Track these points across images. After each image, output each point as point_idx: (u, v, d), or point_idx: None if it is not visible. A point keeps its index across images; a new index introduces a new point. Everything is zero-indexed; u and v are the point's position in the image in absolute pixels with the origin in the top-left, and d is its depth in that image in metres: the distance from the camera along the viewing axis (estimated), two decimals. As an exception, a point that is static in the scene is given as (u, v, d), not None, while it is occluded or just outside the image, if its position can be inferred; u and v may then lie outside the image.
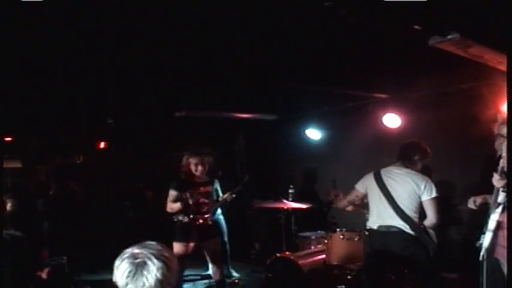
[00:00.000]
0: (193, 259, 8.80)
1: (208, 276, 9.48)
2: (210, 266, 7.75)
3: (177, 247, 7.07)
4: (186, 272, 7.42)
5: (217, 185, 9.65)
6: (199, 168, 7.34)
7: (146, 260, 2.70)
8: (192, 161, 7.36)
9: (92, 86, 7.21)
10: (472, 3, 4.22)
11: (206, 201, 7.43)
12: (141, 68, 6.32)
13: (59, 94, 7.55)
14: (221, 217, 9.57)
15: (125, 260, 2.73)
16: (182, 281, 7.77)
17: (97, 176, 12.21)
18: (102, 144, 12.26)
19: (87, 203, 11.31)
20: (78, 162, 12.74)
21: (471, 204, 5.08)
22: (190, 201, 7.15)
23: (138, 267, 2.68)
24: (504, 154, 4.49)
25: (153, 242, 2.87)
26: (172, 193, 7.28)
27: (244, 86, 7.48)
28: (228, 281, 9.20)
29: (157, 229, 9.83)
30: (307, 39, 5.38)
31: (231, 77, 6.89)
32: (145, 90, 7.59)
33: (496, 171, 4.45)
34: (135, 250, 2.77)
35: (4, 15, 3.99)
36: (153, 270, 2.67)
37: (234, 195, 9.27)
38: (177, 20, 4.63)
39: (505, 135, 4.72)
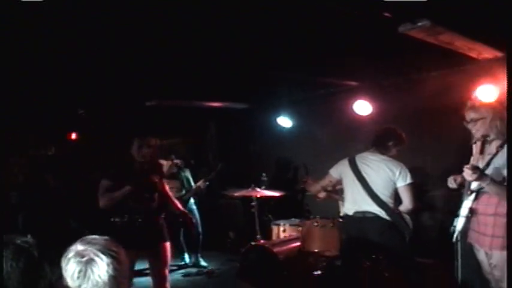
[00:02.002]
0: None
1: (185, 265, 9.54)
2: (153, 279, 6.29)
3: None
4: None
5: (188, 174, 9.68)
6: (144, 151, 6.10)
7: (93, 256, 2.59)
8: (135, 143, 6.12)
9: (62, 77, 7.15)
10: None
11: (147, 195, 6.15)
12: (110, 57, 6.28)
13: (29, 85, 7.48)
14: (194, 207, 9.59)
15: (71, 260, 2.61)
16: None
17: (70, 167, 12.12)
18: (73, 135, 12.17)
19: (61, 195, 11.22)
20: (50, 153, 12.64)
21: (451, 183, 5.10)
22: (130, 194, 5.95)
23: (87, 265, 2.57)
24: (474, 152, 4.57)
25: (97, 237, 2.75)
26: (105, 184, 6.05)
27: (215, 75, 7.47)
28: (204, 270, 9.24)
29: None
30: (277, 27, 5.38)
31: (202, 65, 6.86)
32: (115, 79, 7.55)
33: (468, 163, 4.51)
34: (79, 247, 2.64)
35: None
36: (103, 267, 2.57)
37: (207, 183, 9.30)
38: (146, 9, 4.60)
39: (468, 120, 4.83)
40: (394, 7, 4.57)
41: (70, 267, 2.60)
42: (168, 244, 6.27)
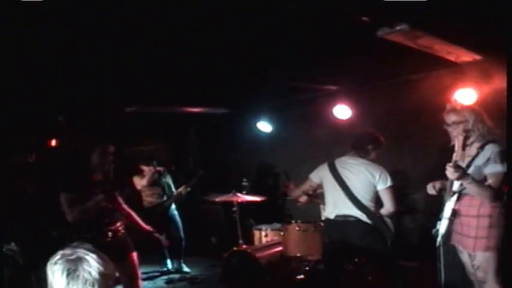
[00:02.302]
0: (151, 255, 8.81)
1: (168, 272, 9.51)
2: None
3: None
4: (145, 270, 7.13)
5: (169, 180, 9.66)
6: (108, 158, 5.95)
7: (83, 255, 2.55)
8: (98, 150, 5.91)
9: (42, 83, 7.09)
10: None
11: (110, 206, 5.92)
12: (90, 63, 6.24)
13: (8, 91, 7.42)
14: (175, 212, 9.57)
15: (59, 261, 2.56)
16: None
17: (50, 174, 12.01)
18: (53, 142, 12.07)
19: (42, 202, 11.13)
20: (30, 160, 12.52)
21: (431, 189, 5.15)
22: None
23: (77, 262, 2.53)
24: (456, 147, 4.61)
25: (83, 243, 2.71)
26: (69, 197, 5.68)
27: (195, 80, 7.45)
28: (187, 276, 9.20)
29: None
30: (257, 32, 5.37)
31: (181, 71, 6.84)
32: (95, 86, 7.50)
33: (450, 162, 4.55)
34: (67, 251, 2.60)
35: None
36: (94, 264, 2.53)
37: (188, 189, 9.27)
38: (125, 14, 4.57)
39: (449, 123, 4.89)
40: (372, 11, 4.58)
41: (58, 268, 2.53)
42: (135, 254, 6.06)
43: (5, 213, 10.39)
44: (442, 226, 4.84)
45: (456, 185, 4.74)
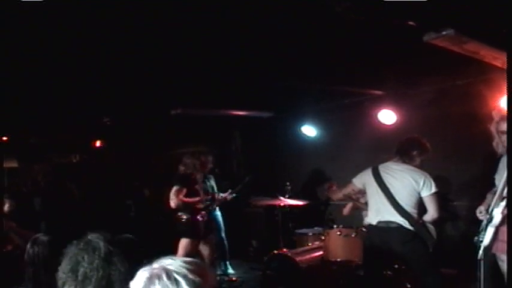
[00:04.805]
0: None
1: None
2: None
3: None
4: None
5: (213, 183, 9.67)
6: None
7: (161, 273, 2.11)
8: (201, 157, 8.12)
9: (88, 85, 7.20)
10: (467, -1, 4.24)
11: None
12: (136, 66, 6.32)
13: (54, 93, 7.55)
14: (218, 213, 9.58)
15: (140, 273, 2.18)
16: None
17: (94, 175, 12.16)
18: (98, 143, 12.23)
19: (84, 202, 11.27)
20: (74, 161, 12.70)
21: (479, 215, 5.03)
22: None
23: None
24: None
25: (176, 258, 2.21)
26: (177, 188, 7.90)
27: (240, 83, 7.48)
28: (225, 279, 9.22)
29: (158, 227, 9.86)
30: (303, 36, 5.38)
31: (227, 74, 6.88)
32: (140, 88, 7.59)
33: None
34: (154, 265, 2.18)
35: (3, 15, 4.00)
36: None
37: (234, 195, 9.24)
38: (172, 18, 4.63)
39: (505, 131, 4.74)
40: (418, 16, 4.56)
41: (136, 278, 2.19)
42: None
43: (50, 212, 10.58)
44: (487, 236, 4.68)
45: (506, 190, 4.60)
